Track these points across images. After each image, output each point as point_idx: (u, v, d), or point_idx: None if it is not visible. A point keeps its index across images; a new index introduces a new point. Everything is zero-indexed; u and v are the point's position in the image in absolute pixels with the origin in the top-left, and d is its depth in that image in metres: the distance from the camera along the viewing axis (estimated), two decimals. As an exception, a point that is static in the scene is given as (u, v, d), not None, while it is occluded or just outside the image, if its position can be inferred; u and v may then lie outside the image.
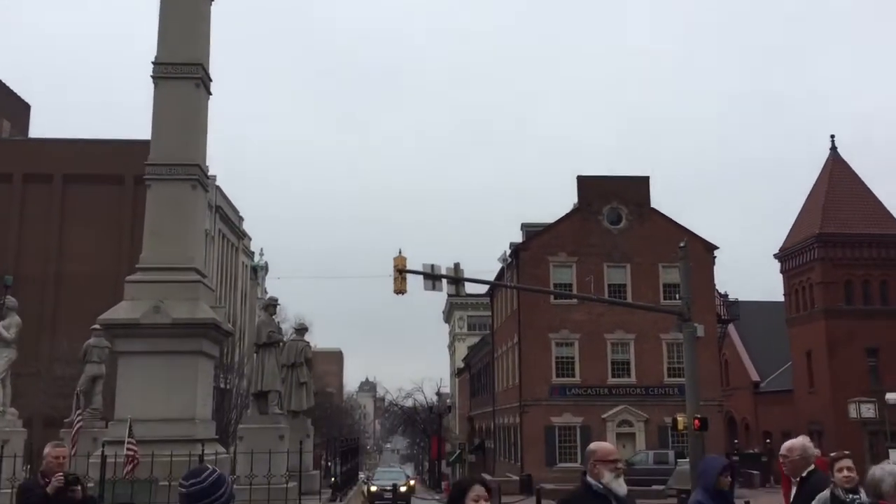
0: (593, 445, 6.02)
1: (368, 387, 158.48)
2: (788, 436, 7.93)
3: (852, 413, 38.24)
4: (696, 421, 27.43)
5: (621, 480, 5.70)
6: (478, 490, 5.21)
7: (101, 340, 18.40)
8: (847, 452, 7.19)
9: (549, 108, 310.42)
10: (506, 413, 51.87)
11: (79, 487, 7.74)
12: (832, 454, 7.34)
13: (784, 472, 7.58)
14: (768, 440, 53.67)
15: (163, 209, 16.04)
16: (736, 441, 58.69)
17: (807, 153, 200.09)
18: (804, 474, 7.23)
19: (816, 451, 16.36)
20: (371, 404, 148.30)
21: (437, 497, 51.53)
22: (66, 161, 45.25)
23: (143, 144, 17.46)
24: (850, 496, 6.61)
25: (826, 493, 6.69)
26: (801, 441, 7.57)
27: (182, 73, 16.54)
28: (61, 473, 7.70)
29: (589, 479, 5.70)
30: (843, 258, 51.50)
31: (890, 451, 32.57)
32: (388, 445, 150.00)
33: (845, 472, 6.75)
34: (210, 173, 19.08)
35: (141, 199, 17.70)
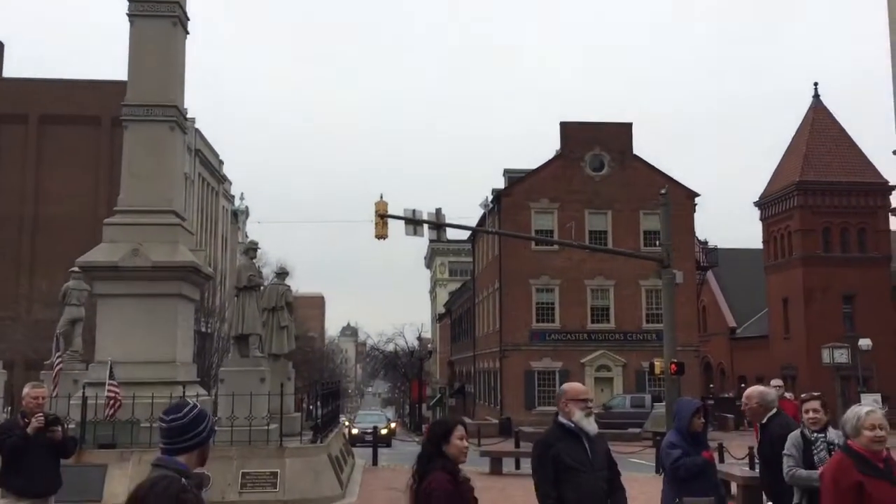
0: (565, 385, 6.11)
1: (350, 331, 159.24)
2: (762, 380, 8.10)
3: (825, 358, 38.92)
4: (673, 365, 27.85)
5: (592, 419, 5.79)
6: (462, 430, 5.30)
7: (81, 283, 18.31)
8: (816, 394, 7.33)
9: (534, 56, 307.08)
10: (486, 358, 52.40)
11: (59, 428, 7.79)
12: (801, 396, 7.50)
13: (746, 418, 7.77)
14: (743, 385, 54.52)
15: (140, 151, 15.85)
16: (711, 385, 59.74)
17: (791, 100, 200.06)
18: (764, 420, 7.40)
19: (789, 395, 16.65)
20: (353, 349, 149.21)
21: (417, 439, 52.26)
22: (42, 101, 44.46)
23: (121, 85, 17.17)
24: (816, 435, 6.76)
25: (797, 432, 6.83)
26: (758, 389, 7.72)
27: (159, 11, 16.21)
28: (41, 414, 7.72)
29: (561, 418, 5.80)
30: (822, 206, 51.89)
31: (861, 395, 33.29)
32: (370, 389, 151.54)
33: (811, 414, 6.91)
34: (189, 116, 18.87)
35: (119, 140, 17.49)
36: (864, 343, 40.35)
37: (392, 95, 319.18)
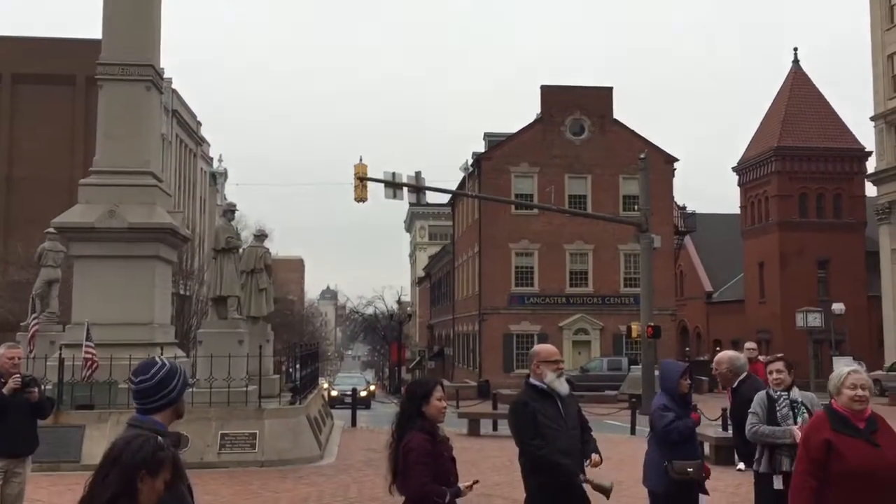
0: (536, 347, 6.21)
1: (330, 295, 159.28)
2: (737, 344, 8.22)
3: (799, 322, 39.43)
4: (649, 329, 28.19)
5: (563, 380, 5.90)
6: (441, 390, 5.35)
7: (56, 244, 18.15)
8: (779, 356, 7.47)
9: (517, 18, 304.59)
10: (465, 321, 52.66)
11: (35, 389, 7.77)
12: (766, 357, 7.63)
13: (719, 383, 7.90)
14: (718, 348, 55.24)
15: (116, 111, 15.65)
16: (687, 349, 60.42)
17: (771, 66, 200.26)
18: (734, 385, 7.52)
19: (762, 358, 16.91)
20: (332, 312, 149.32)
21: (396, 401, 52.60)
22: (14, 60, 43.60)
23: (96, 44, 16.86)
24: (780, 394, 6.90)
25: (762, 392, 6.97)
26: (728, 354, 7.84)
27: (133, -33, 15.87)
28: (18, 375, 7.70)
29: (533, 380, 5.88)
30: (800, 171, 52.27)
31: (833, 358, 33.78)
32: (350, 352, 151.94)
33: (775, 375, 7.04)
34: (165, 76, 18.59)
35: (94, 100, 17.22)
36: (838, 307, 40.92)
37: (370, 53, 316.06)
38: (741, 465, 11.07)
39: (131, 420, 3.63)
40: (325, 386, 40.35)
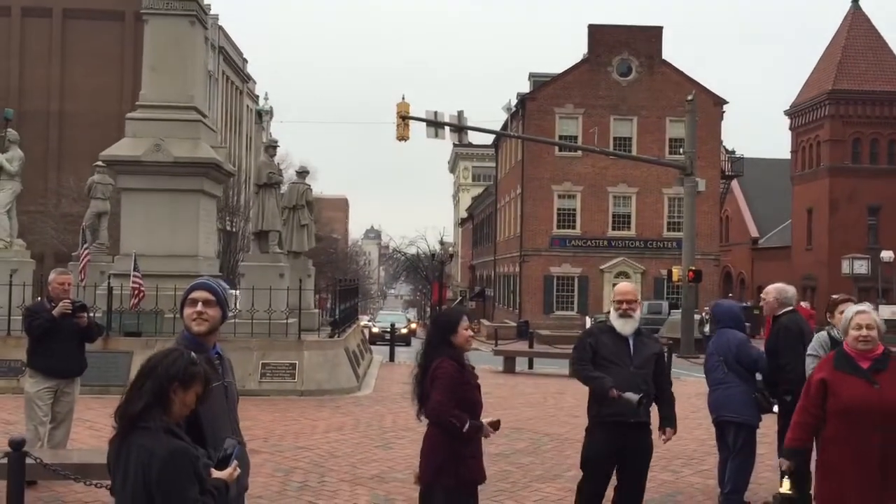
0: (617, 285, 6.41)
1: (373, 234, 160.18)
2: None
3: (845, 269, 38.89)
4: (691, 273, 28.05)
5: (625, 322, 5.92)
6: (467, 320, 5.48)
7: (105, 177, 18.56)
8: (851, 298, 7.35)
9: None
10: (506, 262, 52.83)
11: (84, 314, 8.08)
12: (833, 296, 7.51)
13: (764, 313, 7.90)
14: (762, 295, 54.82)
15: (161, 45, 15.81)
16: (730, 294, 59.94)
17: (828, 6, 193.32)
18: (778, 314, 7.54)
19: (805, 304, 16.73)
20: (376, 251, 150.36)
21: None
22: (65, -5, 44.01)
23: (143, -21, 16.95)
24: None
25: (824, 333, 6.88)
26: (778, 285, 7.80)
27: None
28: (68, 300, 8.01)
29: (609, 315, 6.14)
30: (854, 115, 50.87)
31: (880, 306, 33.32)
32: (392, 291, 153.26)
33: (839, 316, 6.98)
34: (212, 13, 18.69)
35: (142, 36, 17.41)
36: (887, 255, 40.19)
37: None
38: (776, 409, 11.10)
39: (177, 337, 3.90)
40: (367, 322, 41.04)
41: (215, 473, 3.20)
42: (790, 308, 7.52)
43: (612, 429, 5.70)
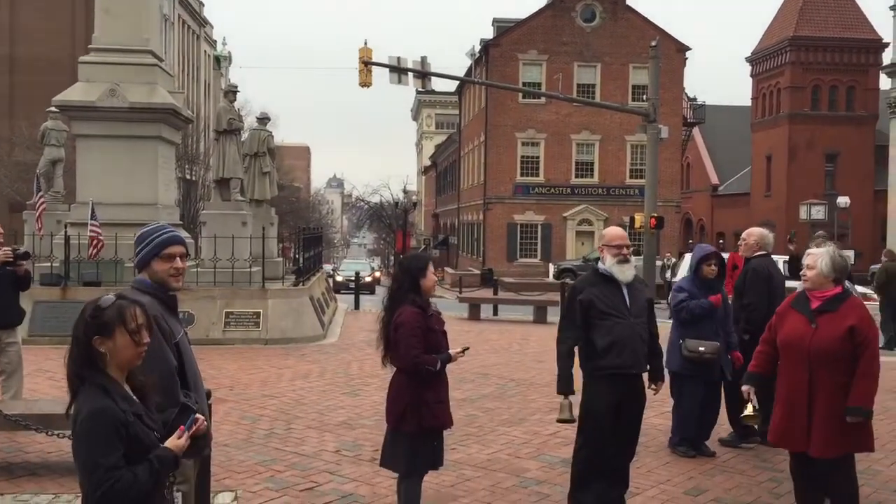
0: (604, 230, 6.10)
1: (336, 183, 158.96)
2: (739, 236, 8.29)
3: (803, 215, 39.47)
4: (653, 220, 28.26)
5: (625, 267, 5.58)
6: (432, 265, 5.45)
7: (59, 123, 18.08)
8: (825, 237, 7.53)
9: None
10: (470, 210, 52.80)
11: (24, 263, 7.86)
12: (816, 234, 7.63)
13: (739, 253, 8.04)
14: (721, 241, 55.56)
15: (114, -14, 15.29)
16: (690, 241, 60.70)
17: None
18: (750, 256, 7.69)
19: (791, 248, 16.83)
20: (338, 200, 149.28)
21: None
22: (10, -66, 42.30)
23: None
24: None
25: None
26: (761, 229, 7.99)
27: None
28: (9, 248, 7.81)
29: (599, 263, 5.71)
30: (814, 62, 51.19)
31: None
32: (356, 240, 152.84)
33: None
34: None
35: (93, -24, 16.78)
36: (843, 200, 40.83)
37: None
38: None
39: (133, 286, 3.75)
40: (331, 271, 40.94)
41: (168, 442, 2.90)
42: (763, 252, 7.66)
43: (612, 381, 5.48)
